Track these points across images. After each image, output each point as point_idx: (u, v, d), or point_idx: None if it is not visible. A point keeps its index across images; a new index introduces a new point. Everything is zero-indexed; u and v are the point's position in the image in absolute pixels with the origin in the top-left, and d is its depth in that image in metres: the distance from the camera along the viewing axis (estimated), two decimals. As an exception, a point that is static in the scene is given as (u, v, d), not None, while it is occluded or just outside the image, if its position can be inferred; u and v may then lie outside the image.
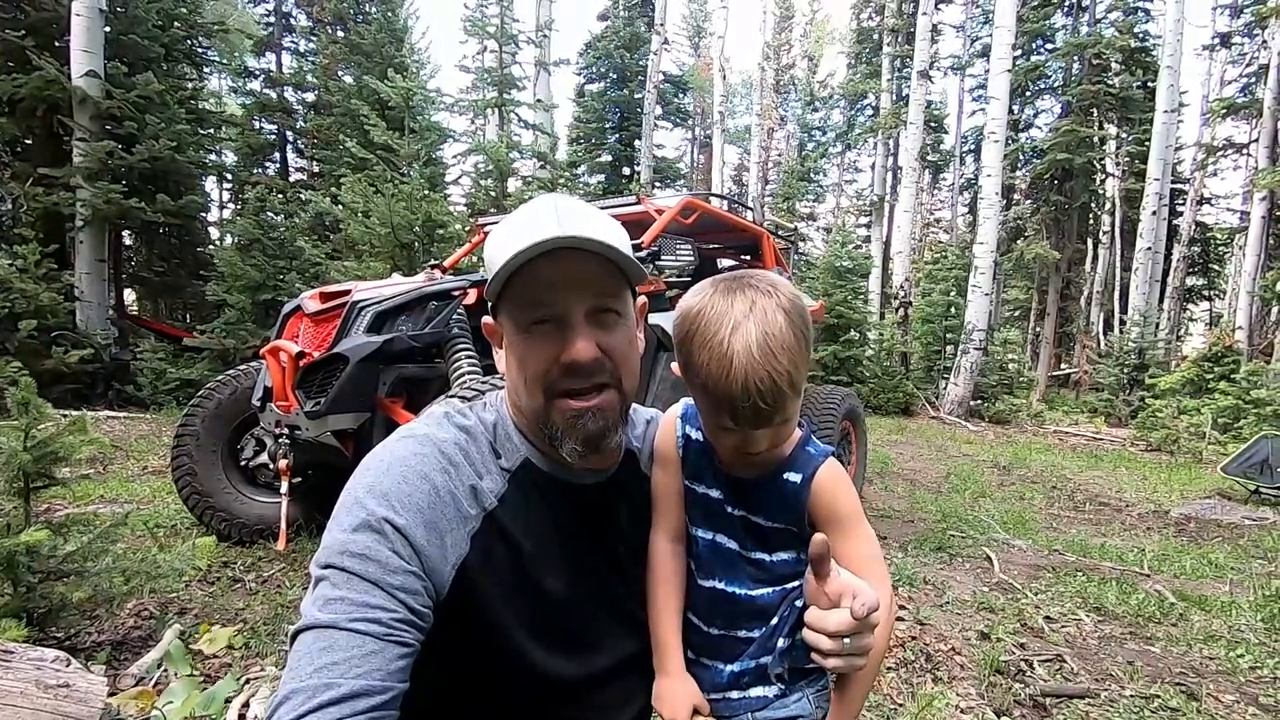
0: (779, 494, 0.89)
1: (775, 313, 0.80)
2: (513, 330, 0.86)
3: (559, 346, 0.82)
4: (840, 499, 0.89)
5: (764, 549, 0.90)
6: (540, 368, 0.83)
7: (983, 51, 19.85)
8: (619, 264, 0.85)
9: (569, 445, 0.84)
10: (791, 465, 0.90)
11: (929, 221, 26.39)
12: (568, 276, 0.82)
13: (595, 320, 0.84)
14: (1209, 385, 10.20)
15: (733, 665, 0.92)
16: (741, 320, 0.79)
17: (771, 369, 0.77)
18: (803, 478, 0.89)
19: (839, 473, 0.91)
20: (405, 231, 6.75)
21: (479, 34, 12.83)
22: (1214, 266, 21.71)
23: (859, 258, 13.58)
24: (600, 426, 0.85)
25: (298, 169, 15.08)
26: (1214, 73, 19.99)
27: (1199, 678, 2.71)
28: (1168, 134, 13.39)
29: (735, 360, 0.77)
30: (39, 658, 1.70)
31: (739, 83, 35.58)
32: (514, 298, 0.85)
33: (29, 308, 6.95)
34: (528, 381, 0.85)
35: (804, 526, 0.89)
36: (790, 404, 0.82)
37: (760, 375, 0.77)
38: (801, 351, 0.81)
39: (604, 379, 0.85)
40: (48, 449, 2.25)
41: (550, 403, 0.84)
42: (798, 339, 0.80)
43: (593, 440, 0.84)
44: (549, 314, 0.83)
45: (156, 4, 9.20)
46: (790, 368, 0.79)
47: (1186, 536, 5.09)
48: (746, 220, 5.15)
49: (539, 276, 0.81)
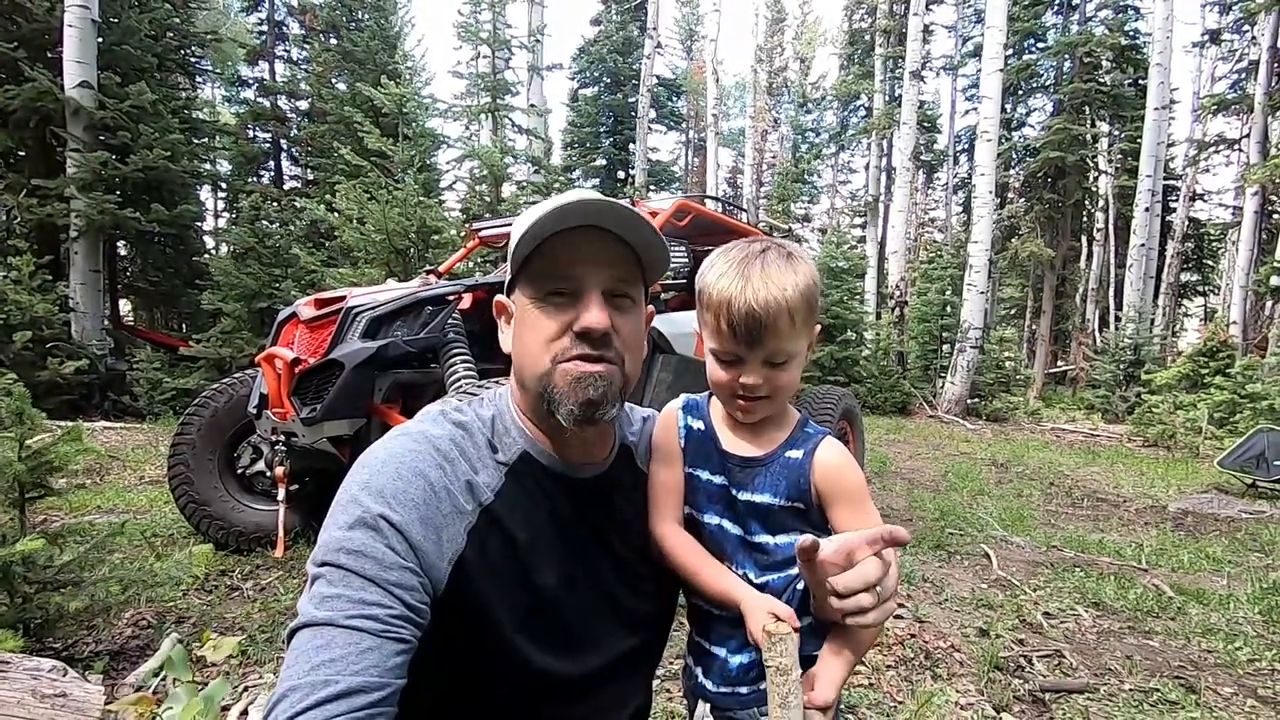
0: (783, 470, 0.91)
1: (787, 259, 0.90)
2: (528, 300, 0.87)
3: (573, 315, 0.84)
4: (845, 473, 0.91)
5: (767, 531, 0.91)
6: (551, 333, 0.85)
7: (974, 51, 19.93)
8: (640, 253, 0.89)
9: (567, 407, 0.84)
10: (793, 443, 0.93)
11: (923, 221, 26.46)
12: (589, 253, 0.85)
13: (610, 301, 0.86)
14: (1204, 380, 10.23)
15: (740, 657, 0.92)
16: (757, 256, 0.90)
17: (776, 289, 0.86)
18: (805, 452, 0.92)
19: (841, 448, 0.94)
20: (400, 238, 6.74)
21: (472, 40, 12.85)
22: (1208, 262, 21.80)
23: (854, 258, 13.61)
24: (600, 393, 0.85)
25: (292, 177, 15.08)
26: (1204, 69, 20.12)
27: (1197, 671, 2.72)
28: (1159, 131, 13.47)
29: (747, 279, 0.87)
30: (35, 667, 1.70)
31: (732, 85, 35.76)
32: (534, 269, 0.87)
33: (24, 319, 6.92)
34: (538, 345, 0.86)
35: (810, 503, 0.90)
36: (786, 338, 0.88)
37: (763, 291, 0.86)
38: (804, 301, 0.88)
39: (610, 354, 0.86)
40: (42, 459, 2.24)
41: (555, 366, 0.85)
42: (804, 289, 0.88)
43: (590, 405, 0.84)
44: (567, 286, 0.85)
45: (149, 14, 9.20)
46: (794, 300, 0.87)
47: (1184, 531, 5.10)
48: (741, 222, 5.16)
49: (562, 249, 0.84)
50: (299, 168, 14.99)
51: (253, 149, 13.01)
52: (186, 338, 8.85)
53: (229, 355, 7.73)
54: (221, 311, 8.04)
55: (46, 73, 7.52)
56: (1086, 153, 17.41)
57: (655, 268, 0.92)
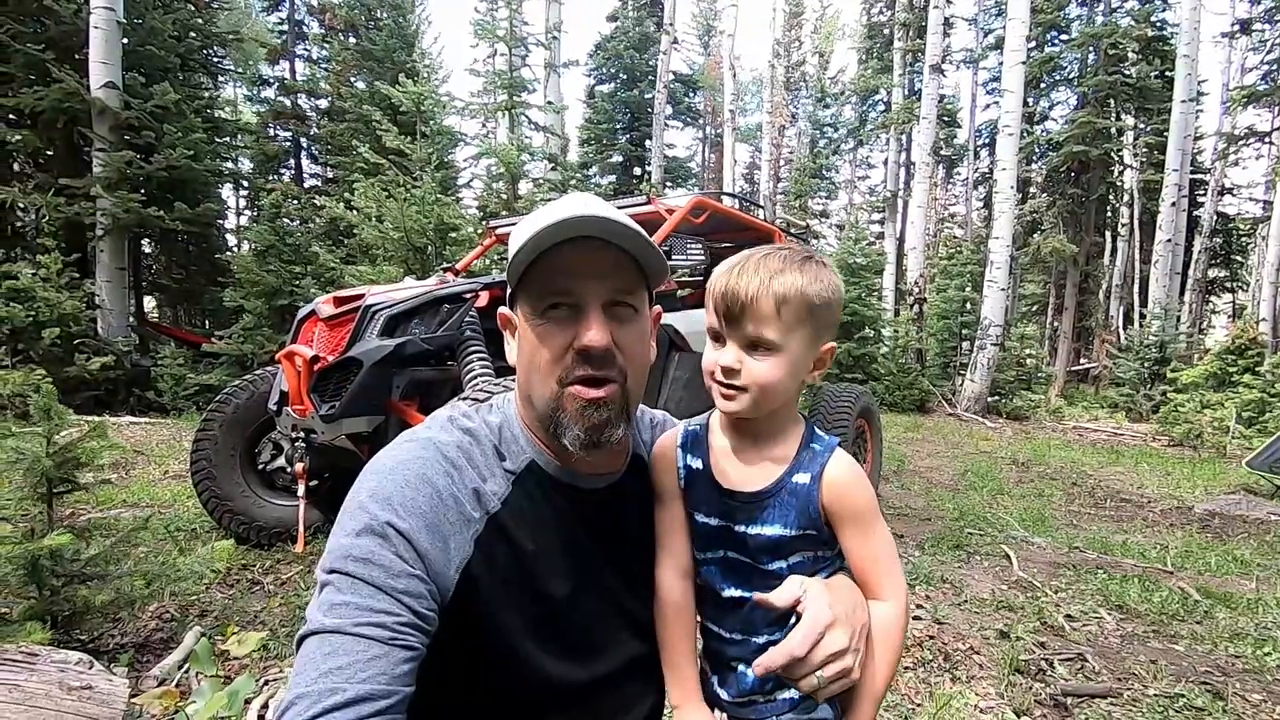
0: (792, 498, 0.88)
1: (799, 260, 0.87)
2: (528, 315, 0.86)
3: (573, 332, 0.83)
4: (855, 494, 0.88)
5: (779, 558, 0.89)
6: (554, 353, 0.84)
7: (996, 44, 19.64)
8: (639, 260, 0.86)
9: (573, 432, 0.84)
10: (798, 466, 0.89)
11: (943, 217, 26.12)
12: (588, 265, 0.83)
13: (611, 312, 0.85)
14: (1233, 379, 10.02)
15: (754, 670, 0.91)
16: (769, 251, 0.88)
17: (766, 273, 0.84)
18: (812, 476, 0.88)
19: (849, 464, 0.90)
20: (418, 235, 6.78)
21: (489, 37, 12.83)
22: (1236, 258, 21.33)
23: (872, 254, 13.48)
24: (605, 418, 0.84)
25: (312, 175, 15.25)
26: (1234, 60, 19.68)
27: (1225, 676, 2.67)
28: (1186, 124, 13.17)
29: (737, 262, 0.87)
30: (62, 660, 1.73)
31: (749, 80, 35.47)
32: (533, 283, 0.85)
33: (52, 316, 7.07)
34: (541, 367, 0.85)
35: (821, 527, 0.88)
36: (766, 324, 0.84)
37: (752, 273, 0.85)
38: (800, 297, 0.85)
39: (613, 373, 0.85)
40: (69, 454, 2.29)
41: (563, 390, 0.84)
42: (802, 287, 0.85)
43: (595, 430, 0.84)
44: (566, 300, 0.84)
45: (172, 15, 9.35)
46: (783, 289, 0.84)
47: (1211, 533, 5.00)
48: (758, 219, 5.13)
49: (560, 263, 0.82)
50: (319, 166, 15.15)
51: (273, 147, 13.15)
52: (209, 334, 8.99)
53: (250, 351, 7.85)
54: (243, 308, 8.16)
55: (73, 74, 7.66)
56: (1111, 146, 17.08)
57: (658, 272, 0.90)
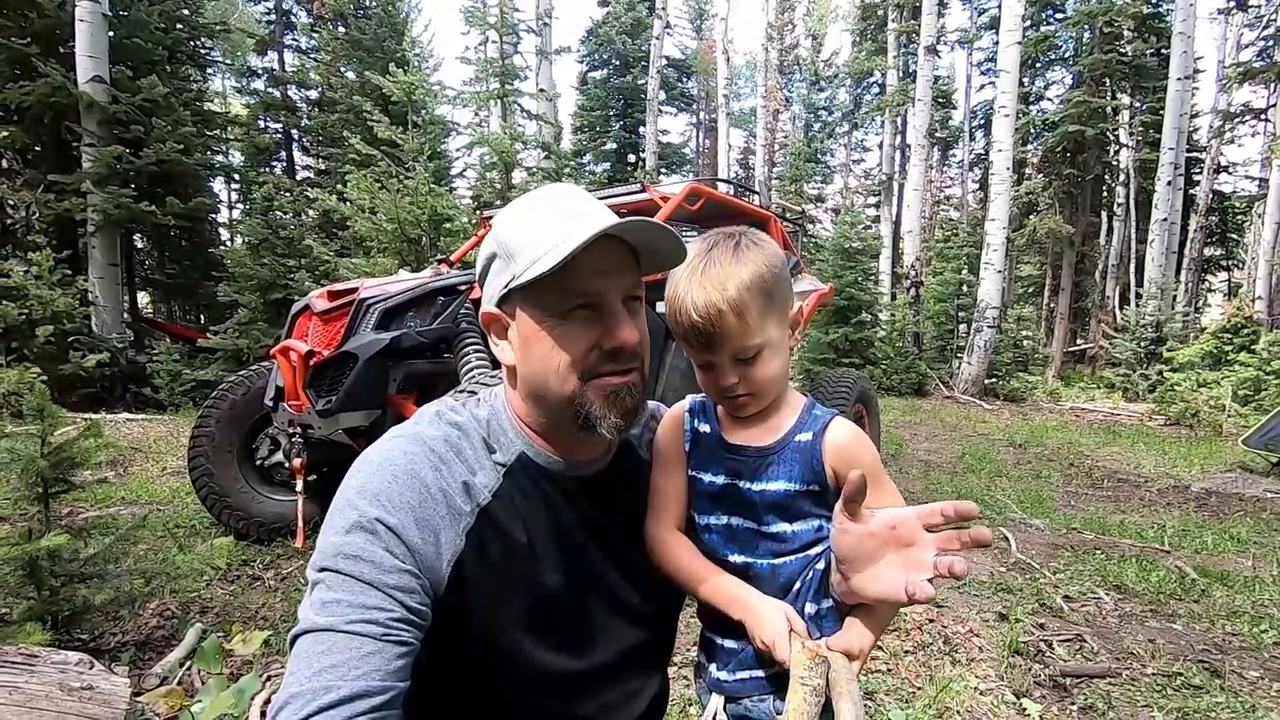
0: (795, 454, 0.90)
1: (733, 251, 0.88)
2: (541, 317, 0.84)
3: (599, 331, 0.84)
4: (858, 450, 0.90)
5: (785, 519, 0.90)
6: (580, 352, 0.84)
7: (991, 24, 19.52)
8: (636, 251, 0.88)
9: (610, 421, 0.85)
10: (801, 426, 0.92)
11: (939, 199, 26.07)
12: (609, 264, 0.84)
13: (627, 307, 0.86)
14: (1228, 357, 10.05)
15: (751, 645, 0.90)
16: (704, 255, 0.89)
17: (715, 290, 0.85)
18: (814, 433, 0.91)
19: (851, 425, 0.93)
20: (412, 226, 6.74)
21: (479, 25, 12.67)
22: (1232, 236, 21.31)
23: (868, 238, 13.42)
24: (635, 401, 0.87)
25: (304, 167, 15.14)
26: (1230, 37, 19.54)
27: (1222, 654, 2.69)
28: (1182, 102, 13.09)
29: (690, 283, 0.87)
30: (62, 661, 1.73)
31: (743, 64, 35.26)
32: (548, 286, 0.82)
33: (45, 314, 7.03)
34: (560, 368, 0.84)
35: (826, 485, 0.89)
36: (743, 335, 0.87)
37: (700, 296, 0.86)
38: (755, 291, 0.86)
39: (635, 363, 0.87)
40: (64, 454, 2.28)
41: (586, 384, 0.84)
42: (749, 281, 0.86)
43: (629, 414, 0.87)
44: (590, 300, 0.83)
45: (158, 6, 9.20)
46: (737, 296, 0.85)
47: (1207, 511, 5.03)
48: (753, 204, 5.10)
49: (584, 264, 0.81)
50: (310, 158, 15.03)
51: (264, 140, 13.02)
52: (204, 329, 8.95)
53: (246, 346, 7.81)
54: (237, 303, 8.12)
55: (60, 68, 7.56)
56: (1107, 126, 16.99)
57: (667, 252, 0.91)
